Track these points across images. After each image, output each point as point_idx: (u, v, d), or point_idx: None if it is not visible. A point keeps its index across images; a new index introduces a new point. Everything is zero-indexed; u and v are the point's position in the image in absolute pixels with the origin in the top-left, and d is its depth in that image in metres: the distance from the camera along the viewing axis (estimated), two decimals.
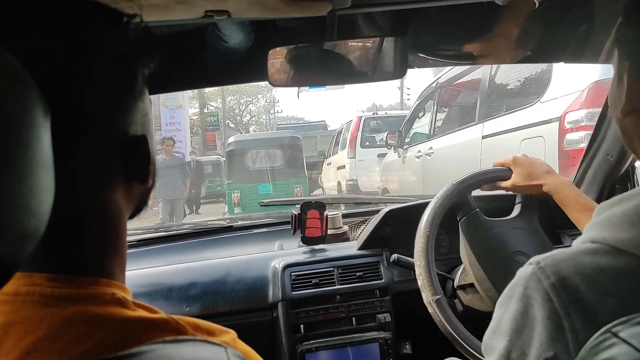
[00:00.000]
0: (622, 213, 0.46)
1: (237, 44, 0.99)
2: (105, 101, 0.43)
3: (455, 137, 3.71)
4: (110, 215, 0.45)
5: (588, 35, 1.05)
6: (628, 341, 0.38)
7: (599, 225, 0.48)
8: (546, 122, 2.50)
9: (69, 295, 0.40)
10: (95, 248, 0.44)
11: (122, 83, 0.45)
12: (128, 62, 0.46)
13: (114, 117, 0.44)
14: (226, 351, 0.40)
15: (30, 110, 0.30)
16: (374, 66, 0.93)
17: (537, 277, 0.46)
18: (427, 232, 1.06)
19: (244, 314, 1.21)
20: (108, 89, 0.43)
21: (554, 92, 2.56)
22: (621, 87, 0.50)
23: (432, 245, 1.06)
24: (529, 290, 0.47)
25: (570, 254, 0.47)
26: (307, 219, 1.38)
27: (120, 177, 0.45)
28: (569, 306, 0.43)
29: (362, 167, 7.52)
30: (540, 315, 0.45)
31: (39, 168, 0.31)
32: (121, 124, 0.45)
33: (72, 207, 0.42)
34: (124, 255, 0.48)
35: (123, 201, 0.46)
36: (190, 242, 1.64)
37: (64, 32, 0.41)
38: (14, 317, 0.38)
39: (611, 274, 0.44)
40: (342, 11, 0.81)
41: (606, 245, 0.46)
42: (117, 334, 0.38)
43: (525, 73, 2.91)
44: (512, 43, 1.06)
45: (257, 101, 32.48)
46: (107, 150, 0.44)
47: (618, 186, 1.33)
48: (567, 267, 0.45)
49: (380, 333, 1.20)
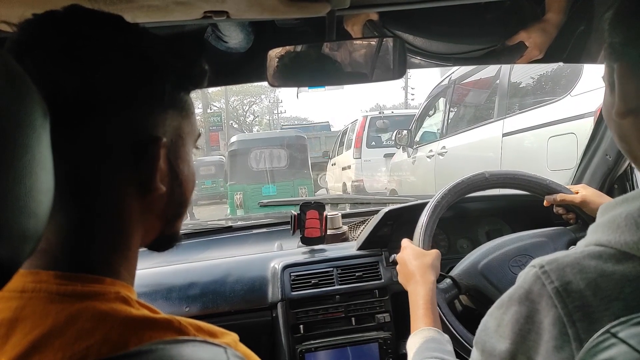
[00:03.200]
0: (627, 214, 0.45)
1: (236, 44, 0.99)
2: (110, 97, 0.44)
3: (471, 135, 3.41)
4: (119, 217, 0.46)
5: (588, 35, 1.05)
6: (627, 341, 0.37)
7: (603, 226, 0.47)
8: (579, 117, 2.20)
9: (74, 293, 0.41)
10: (102, 247, 0.45)
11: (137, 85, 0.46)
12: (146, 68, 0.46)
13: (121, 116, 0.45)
14: (226, 352, 0.40)
15: (29, 112, 0.30)
16: (373, 66, 0.93)
17: (541, 282, 0.46)
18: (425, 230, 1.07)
19: (244, 314, 1.21)
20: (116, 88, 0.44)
21: (587, 85, 2.24)
22: (614, 89, 0.50)
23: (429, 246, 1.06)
24: (532, 295, 0.46)
25: (575, 257, 0.46)
26: (306, 220, 1.39)
27: (132, 179, 0.46)
28: (574, 313, 0.43)
29: (368, 167, 7.33)
30: (545, 322, 0.45)
31: (38, 169, 0.31)
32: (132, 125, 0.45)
33: (82, 205, 0.43)
34: (132, 258, 0.48)
35: (136, 207, 0.47)
36: (189, 243, 1.64)
37: None
38: (21, 312, 0.39)
39: (616, 278, 0.43)
40: (341, 12, 0.81)
41: (611, 248, 0.45)
42: (120, 331, 0.39)
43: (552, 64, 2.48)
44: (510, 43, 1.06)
45: (260, 101, 32.52)
46: (115, 146, 0.44)
47: (617, 186, 1.33)
48: (572, 271, 0.45)
49: (380, 333, 1.20)
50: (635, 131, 0.49)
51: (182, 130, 0.51)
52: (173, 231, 0.54)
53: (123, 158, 0.45)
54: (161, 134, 0.47)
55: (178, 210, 0.52)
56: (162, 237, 0.53)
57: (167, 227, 0.52)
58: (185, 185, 0.52)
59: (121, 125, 0.44)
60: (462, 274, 1.05)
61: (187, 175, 0.52)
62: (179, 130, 0.50)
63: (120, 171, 0.45)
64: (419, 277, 0.96)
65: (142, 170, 0.46)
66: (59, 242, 0.43)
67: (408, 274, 0.99)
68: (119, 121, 0.44)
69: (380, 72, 0.93)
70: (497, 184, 1.18)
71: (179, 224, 0.55)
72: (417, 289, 0.94)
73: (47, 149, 0.32)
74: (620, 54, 0.49)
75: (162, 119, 0.48)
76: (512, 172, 1.20)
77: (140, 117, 0.46)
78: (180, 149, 0.51)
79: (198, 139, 0.55)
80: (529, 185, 1.19)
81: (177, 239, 0.55)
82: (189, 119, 0.52)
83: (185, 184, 0.52)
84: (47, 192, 0.32)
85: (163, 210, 0.50)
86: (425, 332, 0.86)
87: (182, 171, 0.51)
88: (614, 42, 0.49)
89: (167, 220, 0.52)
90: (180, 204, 0.52)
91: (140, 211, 0.47)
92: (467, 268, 1.06)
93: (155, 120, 0.47)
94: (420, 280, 0.95)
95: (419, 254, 1.02)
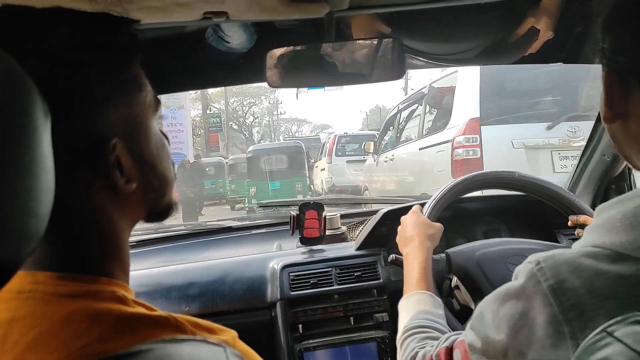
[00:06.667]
0: (622, 215, 0.46)
1: (235, 45, 0.99)
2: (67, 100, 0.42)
3: (405, 148, 5.31)
4: (98, 218, 0.45)
5: (586, 36, 1.06)
6: (623, 340, 0.38)
7: (598, 228, 0.48)
8: (447, 142, 3.95)
9: (70, 293, 0.41)
10: (92, 249, 0.44)
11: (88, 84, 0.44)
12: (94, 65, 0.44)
13: (71, 120, 0.42)
14: (225, 351, 0.40)
15: (30, 112, 0.30)
16: (372, 67, 0.94)
17: (537, 278, 0.46)
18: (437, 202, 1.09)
19: (243, 313, 1.21)
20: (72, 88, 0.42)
21: (452, 123, 4.03)
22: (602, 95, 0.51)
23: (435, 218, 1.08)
24: (527, 291, 0.47)
25: (571, 256, 0.46)
26: (305, 220, 1.39)
27: (97, 180, 0.44)
28: (569, 312, 0.43)
29: (335, 169, 10.79)
30: (540, 319, 0.45)
31: (39, 169, 0.31)
32: (79, 128, 0.43)
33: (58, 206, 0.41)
34: (124, 258, 0.48)
35: (113, 205, 0.46)
36: (189, 243, 1.65)
37: None
38: (18, 313, 0.39)
39: (611, 277, 0.43)
40: (340, 13, 0.82)
41: (606, 249, 0.45)
42: (116, 329, 0.39)
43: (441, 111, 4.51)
44: (510, 44, 1.07)
45: (260, 103, 32.43)
46: (68, 151, 0.42)
47: (614, 186, 1.34)
48: (567, 269, 0.45)
49: (378, 332, 1.20)
50: (623, 133, 0.51)
51: (135, 112, 0.48)
52: (163, 205, 0.52)
53: (80, 165, 0.43)
54: (110, 132, 0.45)
55: (160, 188, 0.51)
56: (152, 213, 0.51)
57: (154, 206, 0.51)
58: (157, 163, 0.50)
59: (66, 131, 0.41)
60: (457, 254, 1.07)
61: (155, 152, 0.50)
62: (131, 115, 0.47)
63: (83, 178, 0.44)
64: (418, 244, 0.98)
65: (104, 174, 0.44)
66: (54, 245, 0.42)
67: (408, 237, 1.02)
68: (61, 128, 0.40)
69: (380, 72, 0.93)
70: (522, 187, 1.18)
71: (168, 196, 0.52)
72: (415, 253, 0.96)
73: (48, 148, 0.32)
74: (609, 61, 0.49)
75: (105, 115, 0.45)
76: (542, 180, 1.18)
77: (81, 120, 0.43)
78: (140, 131, 0.48)
79: (159, 105, 0.52)
80: (555, 198, 1.18)
81: (171, 208, 0.53)
82: (140, 94, 0.48)
83: (157, 162, 0.50)
84: (48, 191, 0.32)
85: (142, 198, 0.49)
86: (419, 294, 0.88)
87: (149, 152, 0.49)
88: (604, 49, 0.50)
89: (150, 203, 0.50)
90: (160, 182, 0.51)
91: (119, 208, 0.46)
92: (465, 250, 1.07)
93: (99, 120, 0.44)
94: (418, 246, 0.98)
95: (424, 222, 1.04)
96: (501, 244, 1.10)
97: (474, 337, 0.55)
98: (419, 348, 0.75)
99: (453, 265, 1.05)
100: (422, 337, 0.78)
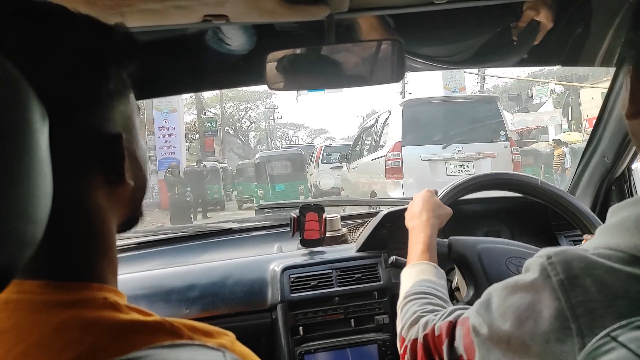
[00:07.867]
0: (636, 217, 0.45)
1: (235, 47, 0.99)
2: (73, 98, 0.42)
3: (363, 159, 7.59)
4: (93, 217, 0.44)
5: (585, 38, 1.06)
6: (627, 345, 0.37)
7: (612, 229, 0.47)
8: (383, 156, 6.31)
9: (59, 302, 0.39)
10: (83, 252, 0.43)
11: (92, 82, 0.44)
12: (99, 62, 0.45)
13: (85, 115, 0.43)
14: (224, 355, 0.40)
15: (27, 116, 0.30)
16: (372, 69, 0.94)
17: (547, 272, 0.46)
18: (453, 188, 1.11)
19: (243, 315, 1.21)
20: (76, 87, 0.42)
21: (387, 144, 6.42)
22: (626, 90, 0.50)
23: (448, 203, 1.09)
24: (536, 284, 0.47)
25: (583, 253, 0.46)
26: (305, 222, 1.39)
27: (99, 177, 0.44)
28: (577, 308, 0.43)
29: (321, 174, 12.90)
30: (546, 313, 0.45)
31: (37, 174, 0.30)
32: (94, 122, 0.44)
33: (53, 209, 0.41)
34: (113, 259, 0.47)
35: (107, 203, 0.45)
36: (189, 245, 1.64)
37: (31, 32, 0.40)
38: (5, 325, 0.38)
39: (623, 276, 0.43)
40: (340, 15, 0.82)
41: (620, 252, 0.45)
42: (110, 338, 0.38)
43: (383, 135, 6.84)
44: (508, 46, 1.07)
45: (256, 107, 32.40)
46: (79, 147, 0.42)
47: (614, 187, 1.34)
48: (578, 265, 0.45)
49: (379, 334, 1.20)
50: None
51: (129, 113, 0.48)
52: (139, 212, 0.53)
53: (86, 156, 0.43)
54: (119, 129, 0.45)
55: (143, 191, 0.51)
56: (128, 220, 0.52)
57: (135, 210, 0.51)
58: (144, 166, 0.51)
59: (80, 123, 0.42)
60: (459, 242, 1.07)
61: (142, 156, 0.51)
62: (127, 115, 0.48)
63: (89, 173, 0.43)
64: (426, 219, 1.01)
65: (111, 170, 0.45)
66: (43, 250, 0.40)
67: (417, 212, 1.04)
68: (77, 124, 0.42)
69: (379, 74, 0.93)
70: (541, 196, 1.16)
71: (142, 202, 0.53)
72: (422, 227, 0.99)
73: (45, 153, 0.32)
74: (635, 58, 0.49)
75: (113, 112, 0.45)
76: (563, 194, 1.16)
77: (97, 113, 0.44)
78: (133, 133, 0.49)
79: (139, 110, 0.53)
80: (574, 213, 1.14)
81: (140, 216, 0.53)
82: (129, 97, 0.49)
83: (143, 165, 0.51)
84: (45, 196, 0.32)
85: (130, 199, 0.49)
86: (422, 265, 0.90)
87: (139, 155, 0.50)
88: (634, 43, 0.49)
89: (134, 204, 0.51)
90: (143, 184, 0.51)
91: (111, 207, 0.46)
92: (467, 240, 1.08)
93: (110, 115, 0.45)
94: (426, 221, 1.00)
95: (436, 202, 1.07)
96: (505, 243, 1.10)
97: (479, 321, 0.54)
98: (421, 312, 0.76)
99: (453, 251, 1.05)
100: (424, 302, 0.80)
